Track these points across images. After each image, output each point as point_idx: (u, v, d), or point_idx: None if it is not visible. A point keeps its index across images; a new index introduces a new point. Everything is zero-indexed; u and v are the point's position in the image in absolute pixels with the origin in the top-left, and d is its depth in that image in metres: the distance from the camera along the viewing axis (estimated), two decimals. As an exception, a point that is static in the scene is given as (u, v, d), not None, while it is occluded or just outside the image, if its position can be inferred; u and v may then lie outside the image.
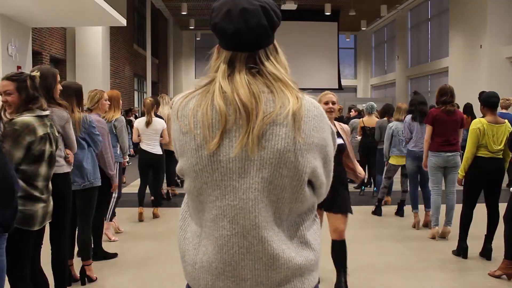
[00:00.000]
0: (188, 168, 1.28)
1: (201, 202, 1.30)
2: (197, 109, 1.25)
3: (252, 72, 1.26)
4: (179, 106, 1.30)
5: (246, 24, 1.24)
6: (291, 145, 1.21)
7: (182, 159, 1.30)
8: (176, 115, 1.30)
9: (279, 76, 1.26)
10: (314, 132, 1.25)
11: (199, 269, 1.30)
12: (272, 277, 1.26)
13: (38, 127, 2.68)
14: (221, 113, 1.21)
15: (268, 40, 1.30)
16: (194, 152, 1.25)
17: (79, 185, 3.81)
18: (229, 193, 1.24)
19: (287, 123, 1.21)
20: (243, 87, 1.23)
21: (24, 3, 7.54)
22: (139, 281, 4.17)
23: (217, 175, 1.24)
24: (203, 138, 1.23)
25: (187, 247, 1.35)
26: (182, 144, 1.28)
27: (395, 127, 6.47)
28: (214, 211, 1.26)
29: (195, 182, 1.28)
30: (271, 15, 1.28)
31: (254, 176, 1.22)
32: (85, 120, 3.80)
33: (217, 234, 1.26)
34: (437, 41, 18.40)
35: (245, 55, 1.27)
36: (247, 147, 1.21)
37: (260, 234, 1.23)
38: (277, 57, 1.31)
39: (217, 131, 1.22)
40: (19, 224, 2.59)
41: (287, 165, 1.22)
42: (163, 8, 21.23)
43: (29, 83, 2.73)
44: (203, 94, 1.27)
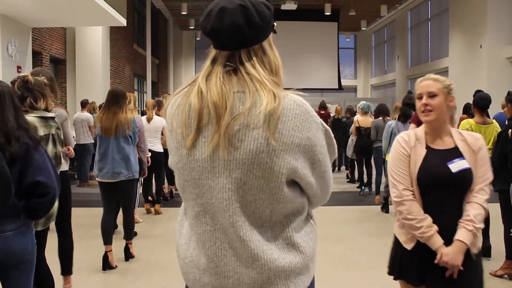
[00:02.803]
0: (173, 165, 1.33)
1: (185, 199, 1.34)
2: (179, 108, 1.27)
3: (228, 71, 1.25)
4: (167, 105, 1.33)
5: (221, 23, 1.23)
6: (265, 145, 1.19)
7: (170, 156, 1.36)
8: (166, 113, 1.34)
9: (257, 77, 1.23)
10: (294, 132, 1.21)
11: (188, 264, 1.33)
12: (254, 278, 1.24)
13: (40, 128, 2.73)
14: (195, 111, 1.23)
15: (251, 40, 1.25)
16: (176, 150, 1.29)
17: (125, 176, 4.37)
18: (206, 191, 1.26)
19: (260, 123, 1.18)
20: (215, 86, 1.22)
21: (24, 3, 7.54)
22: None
23: (195, 173, 1.26)
24: (182, 137, 1.26)
25: (180, 242, 1.38)
26: (169, 142, 1.33)
27: (393, 126, 6.51)
28: (196, 208, 1.29)
29: (179, 180, 1.33)
30: (251, 14, 1.23)
31: (227, 176, 1.22)
32: (133, 120, 4.45)
33: (200, 230, 1.28)
34: (437, 41, 18.40)
35: (225, 54, 1.27)
36: (219, 147, 1.20)
37: (236, 233, 1.23)
38: (263, 58, 1.28)
39: (192, 129, 1.24)
40: None
41: (261, 166, 1.20)
42: (163, 8, 21.22)
43: (18, 83, 2.83)
44: (187, 93, 1.28)
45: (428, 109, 2.16)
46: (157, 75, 21.66)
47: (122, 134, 4.36)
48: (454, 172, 2.08)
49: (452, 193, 2.10)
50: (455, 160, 2.11)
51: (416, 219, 2.09)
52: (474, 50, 14.51)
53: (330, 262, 4.61)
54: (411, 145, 2.20)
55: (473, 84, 12.81)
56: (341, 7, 20.77)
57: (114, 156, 4.35)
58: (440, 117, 2.16)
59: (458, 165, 2.09)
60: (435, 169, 2.11)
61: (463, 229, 2.05)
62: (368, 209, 7.28)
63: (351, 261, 4.72)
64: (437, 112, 2.14)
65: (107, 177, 4.38)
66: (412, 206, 2.11)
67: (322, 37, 22.42)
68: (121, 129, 4.34)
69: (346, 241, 5.47)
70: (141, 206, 6.79)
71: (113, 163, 4.34)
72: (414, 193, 2.13)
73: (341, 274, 4.33)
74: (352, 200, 8.04)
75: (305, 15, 20.72)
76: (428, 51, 19.39)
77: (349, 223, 6.40)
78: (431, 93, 2.16)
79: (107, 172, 4.36)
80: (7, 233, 2.20)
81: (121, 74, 15.74)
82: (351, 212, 7.08)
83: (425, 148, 2.17)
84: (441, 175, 2.09)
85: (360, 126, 8.05)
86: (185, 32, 25.47)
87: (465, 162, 2.10)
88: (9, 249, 2.21)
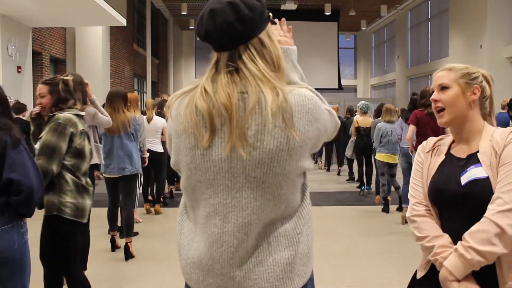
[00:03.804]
0: (184, 166, 1.31)
1: (195, 199, 1.32)
2: (188, 109, 1.26)
3: (231, 71, 1.25)
4: (173, 105, 1.32)
5: (214, 23, 1.24)
6: (285, 144, 1.20)
7: (177, 156, 1.33)
8: (170, 114, 1.32)
9: (257, 73, 1.23)
10: (308, 127, 1.24)
11: (191, 264, 1.33)
12: (260, 272, 1.26)
13: (78, 123, 2.88)
14: (205, 112, 1.22)
15: (246, 35, 1.25)
16: (189, 151, 1.27)
17: (129, 171, 4.73)
18: (221, 191, 1.25)
19: (278, 122, 1.19)
20: (221, 88, 1.23)
21: (24, 3, 7.54)
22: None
23: (210, 174, 1.25)
24: (195, 138, 1.25)
25: (182, 242, 1.38)
26: (177, 143, 1.31)
27: (383, 128, 6.67)
28: (207, 209, 1.28)
29: (189, 180, 1.30)
30: (240, 9, 1.23)
31: (247, 176, 1.23)
32: (134, 119, 4.86)
33: (209, 231, 1.28)
34: (437, 41, 18.39)
35: (226, 55, 1.27)
36: (235, 147, 1.21)
37: (252, 231, 1.24)
38: (263, 51, 1.27)
39: (207, 130, 1.23)
40: (73, 216, 2.77)
41: (280, 164, 1.21)
42: (163, 8, 21.22)
43: (61, 86, 2.94)
44: (193, 94, 1.28)
45: (439, 106, 1.68)
46: (157, 75, 21.65)
47: (125, 132, 4.75)
48: (463, 184, 1.58)
49: (466, 211, 1.57)
50: (469, 168, 1.59)
51: (427, 237, 1.60)
52: (474, 50, 14.51)
53: (330, 262, 4.61)
54: (425, 150, 1.78)
55: (473, 84, 12.81)
56: (341, 7, 20.77)
57: (118, 153, 4.75)
58: (458, 116, 1.66)
59: (469, 175, 1.57)
60: (442, 183, 1.65)
61: (454, 252, 1.52)
62: (368, 209, 7.28)
63: (351, 260, 4.71)
64: (450, 110, 1.66)
65: (113, 173, 4.77)
66: (423, 223, 1.64)
67: (322, 37, 22.43)
68: (123, 128, 4.73)
69: (345, 241, 5.47)
70: (141, 206, 6.80)
71: (118, 160, 4.74)
72: (429, 208, 1.68)
73: (341, 274, 4.33)
74: (352, 200, 8.04)
75: (305, 15, 20.72)
76: (428, 51, 19.38)
77: (349, 223, 6.40)
78: (442, 85, 1.68)
79: (113, 168, 4.75)
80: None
81: (121, 74, 15.73)
82: (351, 212, 7.08)
83: (444, 155, 1.71)
84: (447, 189, 1.62)
85: (359, 126, 8.07)
86: (185, 32, 25.46)
87: (479, 169, 1.56)
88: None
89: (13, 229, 2.26)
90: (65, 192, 2.77)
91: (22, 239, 2.32)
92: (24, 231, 2.35)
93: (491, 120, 1.71)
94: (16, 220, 2.28)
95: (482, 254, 1.44)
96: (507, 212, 1.43)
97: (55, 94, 2.92)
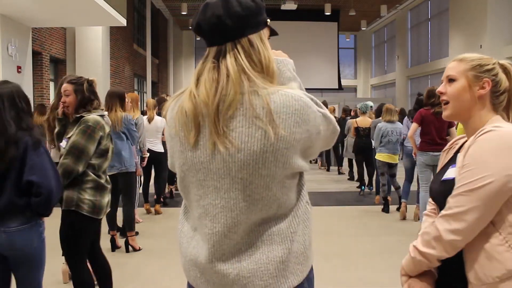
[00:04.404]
0: (177, 168, 1.35)
1: (189, 200, 1.36)
2: (178, 111, 1.28)
3: (214, 67, 1.25)
4: (167, 109, 1.34)
5: (204, 16, 1.27)
6: (268, 145, 1.19)
7: (172, 158, 1.38)
8: (167, 118, 1.34)
9: (230, 69, 1.22)
10: (295, 128, 1.21)
11: (189, 262, 1.36)
12: (253, 270, 1.27)
13: (105, 125, 3.00)
14: (190, 112, 1.24)
15: (234, 32, 1.25)
16: (181, 153, 1.30)
17: (118, 169, 4.71)
18: (211, 192, 1.27)
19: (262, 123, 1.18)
20: (203, 85, 1.24)
21: (24, 3, 7.54)
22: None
23: (200, 175, 1.27)
24: (185, 139, 1.27)
25: (182, 240, 1.41)
26: (172, 146, 1.34)
27: (384, 128, 6.69)
28: (199, 210, 1.30)
29: (184, 181, 1.34)
30: (231, 6, 1.24)
31: (234, 177, 1.23)
32: (126, 118, 4.79)
33: (202, 232, 1.31)
34: (437, 41, 18.39)
35: (214, 50, 1.27)
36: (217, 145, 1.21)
37: (242, 230, 1.26)
38: (250, 51, 1.25)
39: (192, 129, 1.25)
40: (89, 213, 2.87)
41: (266, 165, 1.21)
42: (163, 8, 21.22)
43: (86, 86, 3.02)
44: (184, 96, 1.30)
45: (444, 100, 1.58)
46: (157, 75, 21.65)
47: (113, 131, 4.64)
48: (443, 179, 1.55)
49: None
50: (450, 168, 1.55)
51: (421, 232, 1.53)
52: (474, 50, 14.50)
53: (330, 262, 4.61)
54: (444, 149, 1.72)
55: (473, 84, 12.81)
56: (341, 7, 20.77)
57: None
58: (460, 111, 1.55)
59: (445, 175, 1.55)
60: (433, 182, 1.65)
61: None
62: (368, 209, 7.28)
63: (351, 260, 4.72)
64: (453, 104, 1.55)
65: None
66: (424, 223, 1.62)
67: (322, 37, 22.43)
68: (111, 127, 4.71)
69: (345, 241, 5.47)
70: (141, 206, 6.80)
71: None
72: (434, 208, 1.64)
73: (341, 274, 4.33)
74: (352, 200, 8.04)
75: (305, 15, 20.73)
76: (428, 51, 19.38)
77: (349, 223, 6.40)
78: (449, 77, 1.57)
79: None
80: (11, 229, 2.34)
81: (121, 74, 15.74)
82: (351, 212, 7.08)
83: (452, 154, 1.64)
84: (432, 188, 1.63)
85: (358, 127, 8.08)
86: (185, 32, 25.46)
87: (453, 170, 1.50)
88: (12, 244, 2.36)
89: (32, 228, 2.41)
90: (85, 189, 2.88)
91: (40, 237, 2.46)
92: (42, 229, 2.49)
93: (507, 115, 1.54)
94: (35, 219, 2.43)
95: (424, 255, 1.46)
96: (447, 217, 1.41)
97: (80, 93, 2.99)
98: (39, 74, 10.48)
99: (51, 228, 3.01)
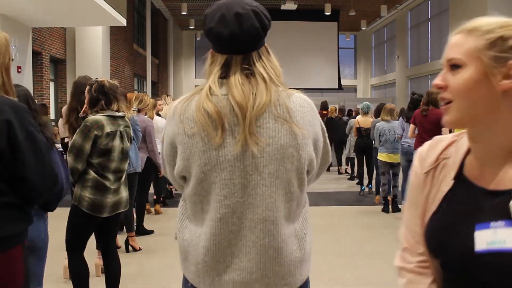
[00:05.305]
0: (196, 169, 1.31)
1: (207, 203, 1.33)
2: (198, 111, 1.30)
3: (246, 73, 1.33)
4: (181, 110, 1.34)
5: (241, 27, 1.30)
6: (292, 140, 1.30)
7: (187, 161, 1.32)
8: (179, 119, 1.33)
9: (265, 77, 1.33)
10: (309, 127, 1.35)
11: (203, 268, 1.34)
12: (277, 271, 1.33)
13: (107, 125, 3.08)
14: (214, 114, 1.28)
15: (261, 42, 1.37)
16: (202, 153, 1.30)
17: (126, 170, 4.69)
18: (237, 190, 1.30)
19: (287, 120, 1.30)
20: (236, 88, 1.30)
21: (24, 3, 7.54)
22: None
23: (226, 173, 1.29)
24: (209, 139, 1.29)
25: (188, 249, 1.38)
26: (189, 147, 1.31)
27: (381, 127, 6.76)
28: (222, 210, 1.31)
29: (203, 183, 1.32)
30: (262, 18, 1.34)
31: (261, 173, 1.29)
32: (132, 119, 4.70)
33: (226, 231, 1.32)
34: (437, 41, 18.39)
35: (241, 58, 1.34)
36: (249, 141, 1.27)
37: (267, 227, 1.30)
38: (269, 58, 1.38)
39: (218, 129, 1.28)
40: (89, 210, 3.03)
41: (290, 159, 1.31)
42: (163, 8, 21.21)
43: (95, 87, 3.16)
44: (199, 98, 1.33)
45: (445, 98, 0.98)
46: (157, 75, 21.65)
47: None
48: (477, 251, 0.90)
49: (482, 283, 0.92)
50: (494, 223, 0.89)
51: None
52: (474, 50, 14.50)
53: (330, 261, 4.61)
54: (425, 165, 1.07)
55: (473, 84, 12.80)
56: (341, 7, 20.76)
57: None
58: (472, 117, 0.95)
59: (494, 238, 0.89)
60: (444, 231, 0.98)
61: None
62: (368, 209, 7.28)
63: (351, 260, 4.72)
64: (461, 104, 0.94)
65: None
66: (411, 284, 1.06)
67: (322, 37, 22.41)
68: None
69: (345, 241, 5.47)
70: (141, 206, 6.79)
71: None
72: (424, 259, 1.06)
73: (341, 274, 4.33)
74: (352, 200, 8.04)
75: (305, 15, 20.70)
76: (428, 51, 19.38)
77: (349, 223, 6.40)
78: (452, 61, 0.96)
79: None
80: None
81: (121, 74, 15.74)
82: (351, 212, 7.09)
83: (452, 179, 1.02)
84: (451, 246, 0.96)
85: (360, 127, 8.11)
86: (185, 32, 25.45)
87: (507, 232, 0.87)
88: None
89: (40, 220, 2.47)
90: (86, 187, 3.04)
91: (46, 229, 2.57)
92: (47, 223, 2.60)
93: None
94: (42, 212, 2.50)
95: None
96: None
97: (89, 94, 3.18)
98: (39, 74, 10.47)
99: (51, 228, 3.01)
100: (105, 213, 3.10)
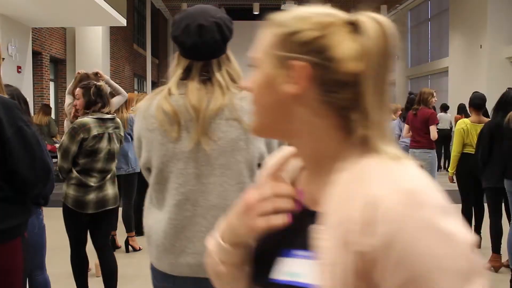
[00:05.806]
0: (156, 160, 1.46)
1: (166, 190, 1.48)
2: (158, 110, 1.44)
3: (203, 79, 1.46)
4: (144, 108, 1.49)
5: (202, 38, 1.43)
6: (242, 134, 1.44)
7: (149, 153, 1.48)
8: (143, 115, 1.48)
9: (222, 83, 1.45)
10: None
11: (163, 251, 1.47)
12: None
13: (94, 128, 3.17)
14: (171, 112, 1.42)
15: (221, 52, 1.48)
16: (161, 146, 1.45)
17: (125, 170, 4.77)
18: (191, 179, 1.44)
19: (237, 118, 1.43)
20: (192, 92, 1.43)
21: (24, 3, 7.54)
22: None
23: (181, 164, 1.44)
24: (167, 133, 1.43)
25: (150, 233, 1.52)
26: (150, 140, 1.47)
27: None
28: (177, 197, 1.45)
29: (162, 173, 1.46)
30: (224, 31, 1.46)
31: (213, 164, 1.44)
32: (131, 119, 4.83)
33: (181, 217, 1.45)
34: (437, 41, 18.40)
35: (200, 64, 1.46)
36: (201, 140, 1.41)
37: (218, 214, 1.37)
38: (229, 65, 1.50)
39: (174, 125, 1.42)
40: (74, 207, 3.16)
41: (240, 152, 1.44)
42: (163, 8, 21.23)
43: (93, 90, 3.25)
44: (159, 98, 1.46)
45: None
46: (157, 75, 21.66)
47: None
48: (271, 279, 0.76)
49: None
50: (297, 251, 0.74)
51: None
52: (474, 50, 14.51)
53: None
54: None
55: (473, 84, 12.83)
56: (341, 7, 20.74)
57: None
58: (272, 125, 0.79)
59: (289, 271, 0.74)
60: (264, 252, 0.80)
61: None
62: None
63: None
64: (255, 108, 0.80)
65: None
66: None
67: (322, 37, 22.41)
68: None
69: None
70: (141, 206, 6.81)
71: None
72: None
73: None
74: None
75: (305, 15, 20.71)
76: (428, 51, 19.39)
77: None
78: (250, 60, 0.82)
79: None
80: None
81: (121, 74, 15.74)
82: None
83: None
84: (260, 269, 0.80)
85: None
86: (185, 32, 25.47)
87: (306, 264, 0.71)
88: None
89: (33, 215, 2.50)
90: (70, 185, 3.19)
91: (41, 223, 2.69)
92: (42, 217, 2.72)
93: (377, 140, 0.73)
94: (35, 207, 2.54)
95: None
96: None
97: (86, 97, 3.27)
98: (39, 74, 10.48)
99: (50, 228, 3.03)
100: (89, 209, 3.20)
